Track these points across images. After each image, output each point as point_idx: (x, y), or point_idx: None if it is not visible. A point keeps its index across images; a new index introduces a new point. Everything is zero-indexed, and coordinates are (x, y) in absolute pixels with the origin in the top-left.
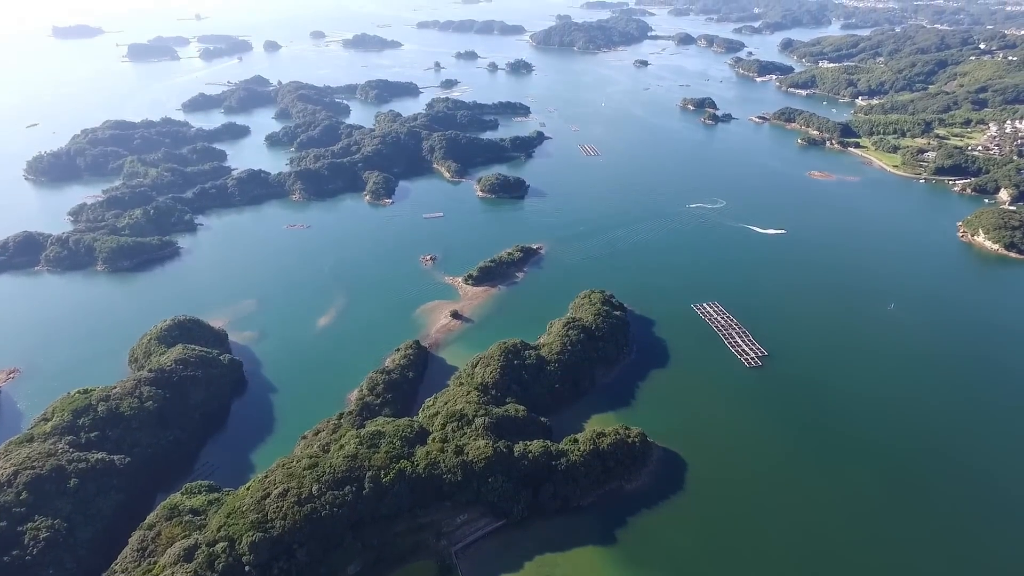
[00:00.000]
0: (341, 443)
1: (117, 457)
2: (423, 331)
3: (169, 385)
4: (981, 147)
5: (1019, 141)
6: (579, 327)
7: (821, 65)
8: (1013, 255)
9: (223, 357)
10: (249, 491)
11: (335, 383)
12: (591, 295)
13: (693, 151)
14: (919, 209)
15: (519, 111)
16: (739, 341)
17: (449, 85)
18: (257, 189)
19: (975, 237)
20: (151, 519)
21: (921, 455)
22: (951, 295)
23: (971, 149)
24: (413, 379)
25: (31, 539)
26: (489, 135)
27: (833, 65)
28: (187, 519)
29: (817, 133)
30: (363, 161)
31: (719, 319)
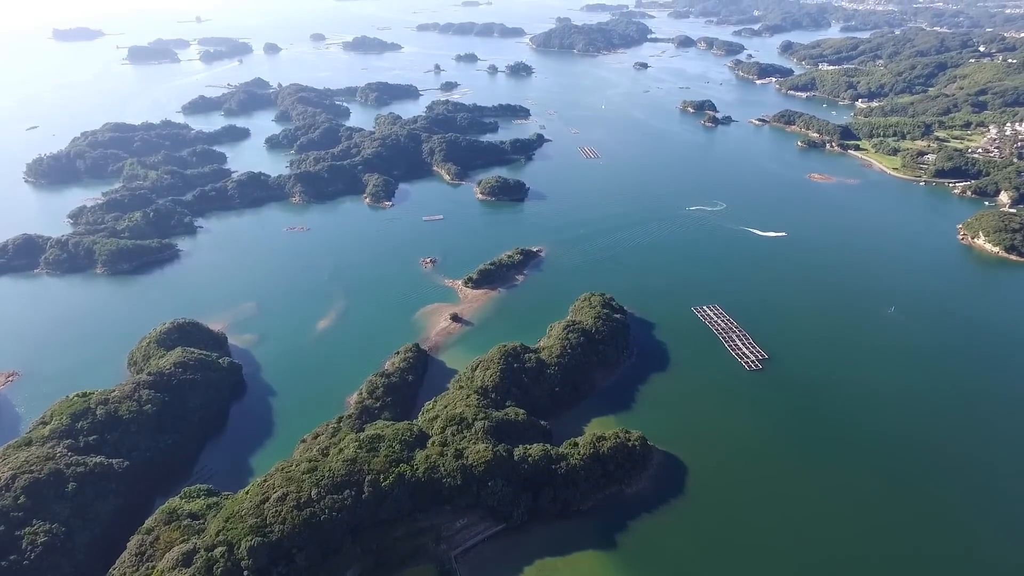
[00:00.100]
0: (340, 447)
1: (115, 461)
2: (423, 334)
3: (168, 388)
4: (981, 149)
5: (1019, 143)
6: (579, 330)
7: (821, 68)
8: (1014, 258)
9: (222, 360)
10: (248, 495)
11: (334, 386)
12: (591, 298)
13: (693, 153)
14: (919, 212)
15: (519, 114)
16: (739, 344)
17: (449, 87)
18: (257, 192)
19: (975, 240)
20: (149, 523)
21: (923, 458)
22: (952, 298)
23: (971, 152)
24: (413, 382)
25: (29, 544)
26: (489, 137)
27: (833, 67)
28: (185, 523)
29: (817, 135)
30: (363, 164)
31: (719, 322)
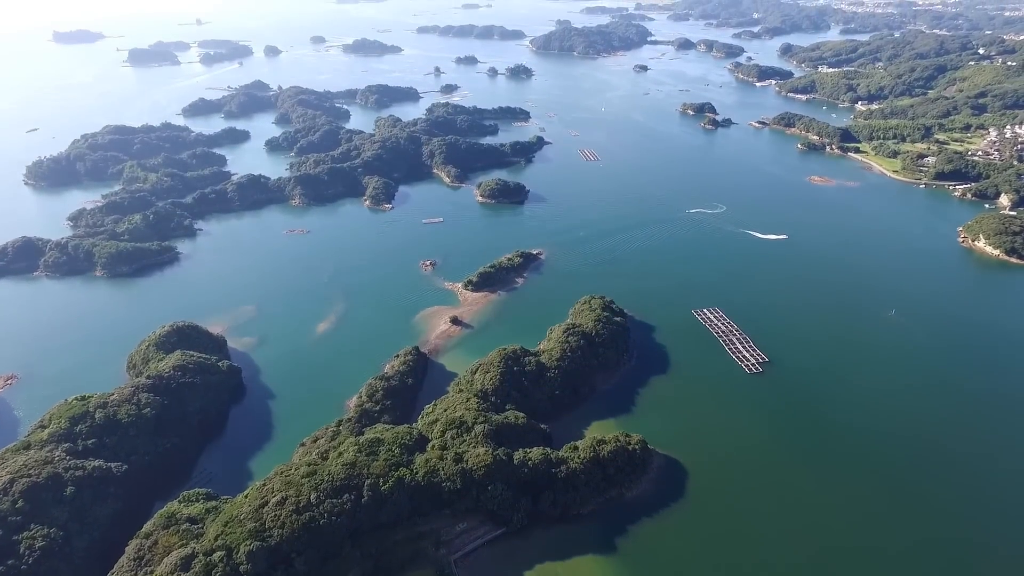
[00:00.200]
0: (340, 450)
1: (114, 465)
2: (422, 337)
3: (167, 392)
4: (981, 152)
5: (1019, 146)
6: (579, 333)
7: (820, 70)
8: (1014, 260)
9: (222, 363)
10: (247, 499)
11: (334, 390)
12: (591, 301)
13: (693, 156)
14: (919, 214)
15: (519, 116)
16: (740, 347)
17: (449, 90)
18: (257, 194)
19: (976, 242)
20: (148, 527)
21: (925, 461)
22: (952, 301)
23: (971, 154)
24: (412, 385)
25: (27, 548)
26: (489, 140)
27: (832, 70)
28: (184, 528)
29: (817, 138)
30: (363, 166)
31: (720, 325)
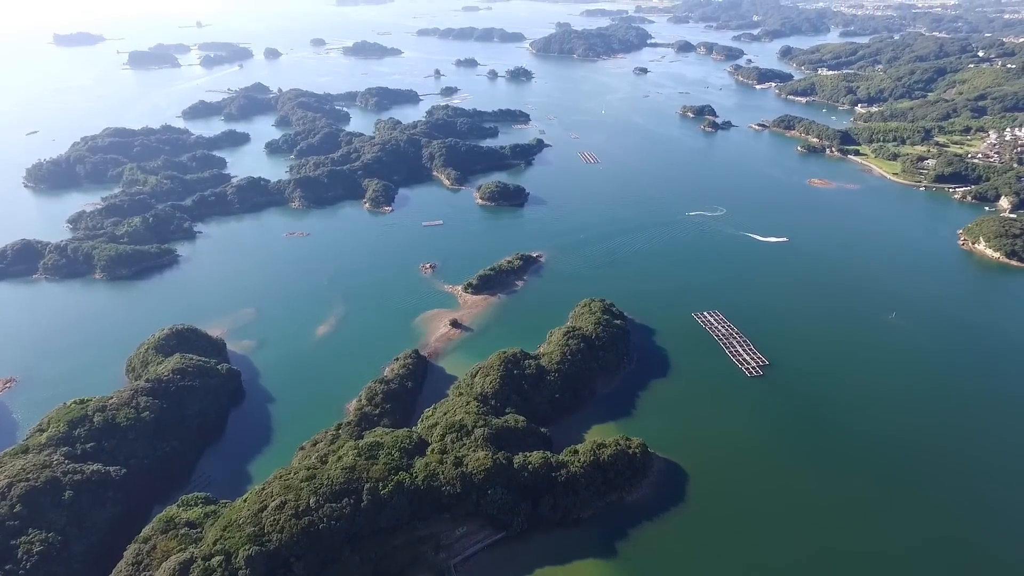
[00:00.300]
0: (339, 454)
1: (113, 468)
2: (422, 340)
3: (166, 395)
4: (981, 155)
5: (1019, 149)
6: (579, 336)
7: (820, 72)
8: (1014, 263)
9: (221, 367)
10: (246, 503)
11: (333, 393)
12: (591, 304)
13: (693, 159)
14: (919, 217)
15: (519, 118)
16: (740, 350)
17: (449, 92)
18: (257, 197)
19: (976, 245)
20: (146, 532)
21: (926, 464)
22: (953, 304)
23: (971, 157)
24: (412, 389)
25: (24, 553)
26: (489, 142)
27: (832, 72)
28: (183, 532)
29: (817, 141)
30: (363, 168)
31: (720, 328)
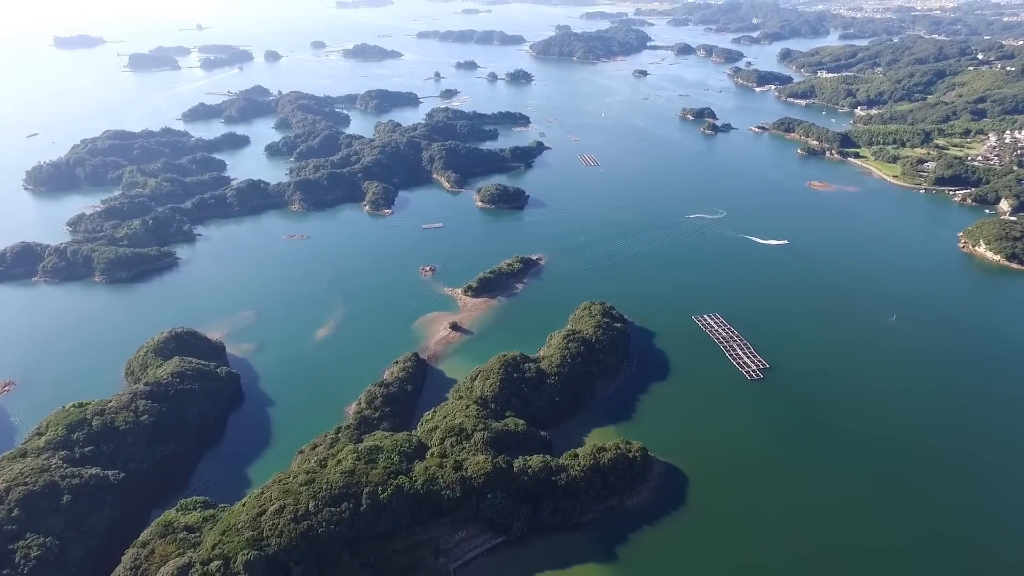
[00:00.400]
0: (339, 458)
1: (111, 472)
2: (422, 343)
3: (165, 398)
4: (981, 157)
5: (1019, 151)
6: (579, 339)
7: (820, 75)
8: (1015, 266)
9: (220, 370)
10: (245, 507)
11: (333, 396)
12: (591, 307)
13: (693, 161)
14: (919, 219)
15: (519, 121)
16: (740, 353)
17: (449, 95)
18: (256, 199)
19: (976, 248)
20: (145, 536)
21: (926, 466)
22: (953, 307)
23: (971, 159)
24: (412, 392)
25: (22, 558)
26: (489, 145)
27: (832, 75)
28: (181, 536)
29: (817, 143)
30: (363, 171)
31: (720, 331)
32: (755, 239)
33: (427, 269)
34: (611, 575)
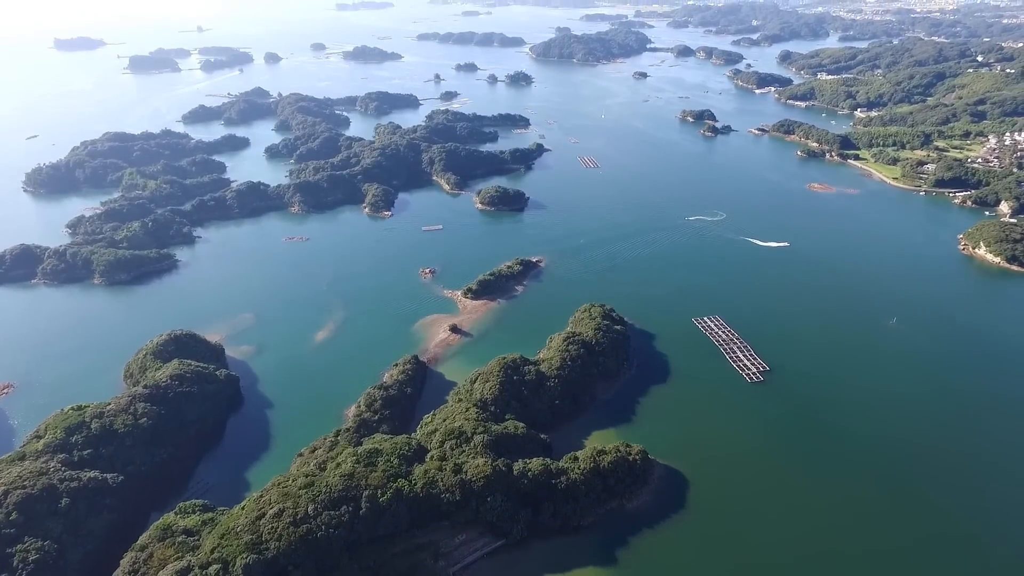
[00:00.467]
0: (338, 461)
1: (110, 475)
2: (422, 346)
3: (164, 401)
4: (981, 159)
5: (1019, 153)
6: (579, 342)
7: (820, 77)
8: (1015, 268)
9: (219, 372)
10: (244, 511)
11: (332, 399)
12: (591, 309)
13: (693, 163)
14: (920, 222)
15: (519, 123)
16: (740, 356)
17: (449, 97)
18: (256, 201)
19: (976, 250)
20: (143, 540)
21: (927, 469)
22: (954, 309)
23: (971, 161)
24: (411, 395)
25: (20, 561)
26: (489, 147)
27: (832, 77)
28: (180, 540)
29: (816, 145)
30: (362, 173)
31: (720, 333)
32: (755, 241)
33: (427, 271)
34: None
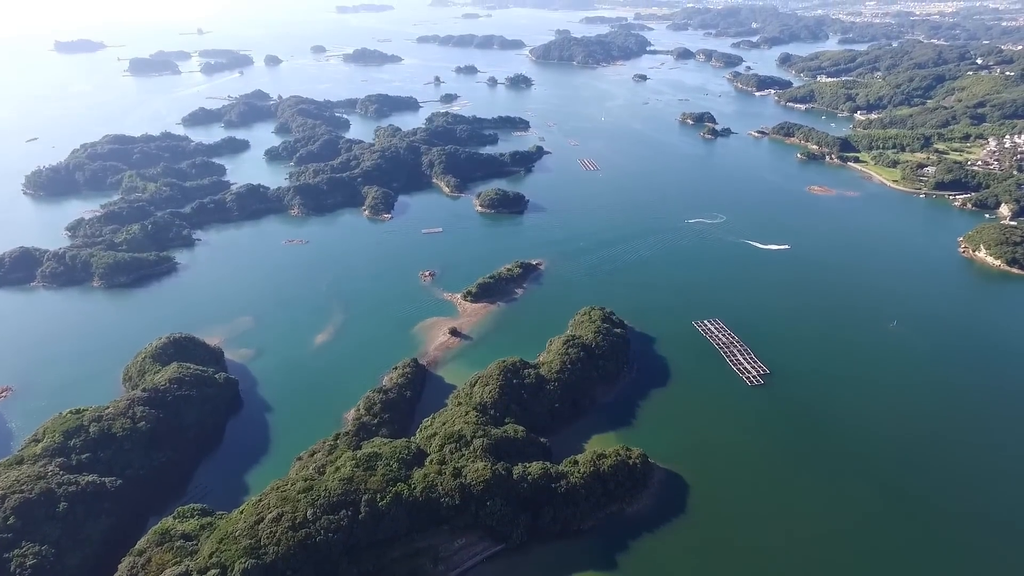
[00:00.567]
0: (337, 465)
1: (108, 480)
2: (421, 349)
3: (163, 405)
4: (981, 162)
5: (1019, 156)
6: (579, 345)
7: (819, 80)
8: (1015, 271)
9: (218, 376)
10: (242, 515)
11: (332, 402)
12: (591, 312)
13: (692, 166)
14: (920, 224)
15: (518, 125)
16: (740, 359)
17: (449, 99)
18: (256, 204)
19: (976, 252)
20: (141, 544)
21: (925, 475)
22: (954, 312)
23: (971, 164)
24: (411, 398)
25: (17, 566)
26: (488, 150)
27: (831, 80)
28: (178, 544)
29: (816, 148)
30: (362, 176)
31: (720, 336)
32: (755, 244)
33: (426, 274)
34: None
